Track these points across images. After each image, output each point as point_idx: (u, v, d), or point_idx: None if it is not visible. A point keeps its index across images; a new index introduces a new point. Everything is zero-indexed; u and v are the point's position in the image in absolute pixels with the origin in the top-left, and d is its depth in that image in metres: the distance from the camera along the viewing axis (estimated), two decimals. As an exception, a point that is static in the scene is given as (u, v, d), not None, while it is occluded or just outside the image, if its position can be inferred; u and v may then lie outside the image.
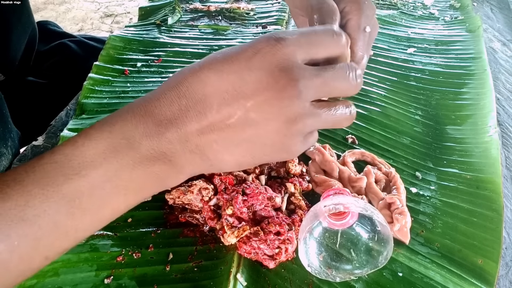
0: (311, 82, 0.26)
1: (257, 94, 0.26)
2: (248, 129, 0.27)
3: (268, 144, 0.28)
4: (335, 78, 0.27)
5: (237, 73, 0.26)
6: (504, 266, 0.47)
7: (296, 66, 0.26)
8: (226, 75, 0.26)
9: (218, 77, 0.26)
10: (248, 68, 0.26)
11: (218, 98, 0.26)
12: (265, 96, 0.26)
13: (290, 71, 0.26)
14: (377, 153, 0.56)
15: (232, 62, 0.27)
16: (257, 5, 0.90)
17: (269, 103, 0.26)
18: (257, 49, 0.26)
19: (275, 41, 0.26)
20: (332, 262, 0.41)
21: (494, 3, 1.02)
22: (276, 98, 0.26)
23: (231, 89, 0.26)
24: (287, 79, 0.26)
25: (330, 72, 0.27)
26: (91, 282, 0.41)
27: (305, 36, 0.27)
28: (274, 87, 0.26)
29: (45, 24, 0.89)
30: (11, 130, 0.66)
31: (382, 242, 0.40)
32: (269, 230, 0.42)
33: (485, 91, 0.66)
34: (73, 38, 0.86)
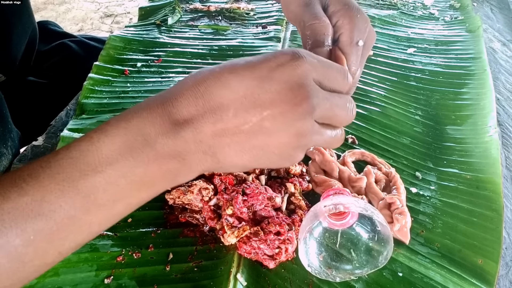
0: (322, 103, 0.28)
1: (274, 104, 0.27)
2: (260, 137, 0.28)
3: (275, 153, 0.29)
4: (339, 106, 0.30)
5: (257, 80, 0.27)
6: (504, 266, 0.47)
7: (313, 85, 0.28)
8: (247, 81, 0.27)
9: (238, 82, 0.27)
10: (269, 78, 0.27)
11: (236, 102, 0.27)
12: (282, 108, 0.27)
13: (308, 88, 0.27)
14: (377, 153, 0.56)
15: (254, 69, 0.27)
16: (257, 5, 0.90)
17: (284, 115, 0.27)
18: (280, 61, 0.27)
19: (299, 57, 0.28)
20: (332, 262, 0.41)
21: (494, 3, 1.02)
22: (292, 111, 0.27)
23: (249, 95, 0.27)
24: (304, 95, 0.27)
25: (337, 99, 0.30)
26: (91, 282, 0.41)
27: (322, 64, 0.29)
28: (292, 101, 0.27)
29: (46, 24, 0.89)
30: (11, 130, 0.66)
31: (382, 242, 0.40)
32: (269, 230, 0.42)
33: (485, 91, 0.66)
34: (73, 38, 0.86)
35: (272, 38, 0.78)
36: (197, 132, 0.27)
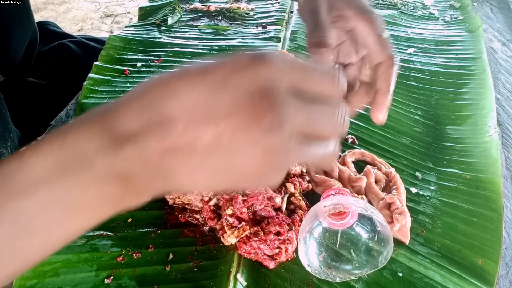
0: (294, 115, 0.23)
1: (232, 116, 0.22)
2: (219, 156, 0.22)
3: (243, 173, 0.24)
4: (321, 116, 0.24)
5: (210, 88, 0.22)
6: (504, 266, 0.47)
7: (281, 93, 0.22)
8: (198, 89, 0.22)
9: (187, 91, 0.22)
10: (225, 84, 0.22)
11: (186, 115, 0.22)
12: (241, 121, 0.22)
13: (272, 98, 0.22)
14: (377, 153, 0.56)
15: (207, 75, 0.23)
16: (257, 5, 0.90)
17: (244, 129, 0.22)
18: (238, 65, 0.23)
19: (261, 60, 0.23)
20: (332, 262, 0.41)
21: (494, 3, 1.02)
22: (254, 125, 0.22)
23: (201, 106, 0.22)
24: (267, 106, 0.22)
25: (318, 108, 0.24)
26: (91, 282, 0.41)
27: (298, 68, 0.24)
28: (252, 112, 0.22)
29: (45, 25, 0.89)
30: (10, 130, 0.66)
31: (382, 242, 0.40)
32: (269, 230, 0.42)
33: (485, 91, 0.66)
34: (73, 39, 0.86)
35: (272, 38, 0.78)
36: (141, 149, 0.22)
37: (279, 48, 0.76)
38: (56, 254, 0.43)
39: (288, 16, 0.87)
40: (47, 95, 0.78)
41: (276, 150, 0.23)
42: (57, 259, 0.42)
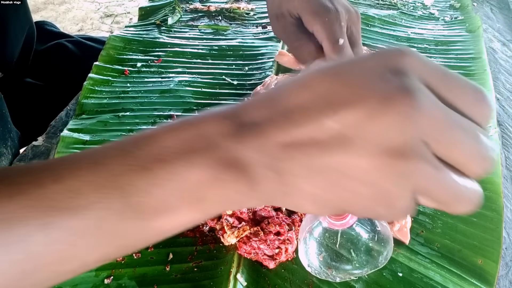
0: (434, 113, 0.18)
1: (357, 101, 0.19)
2: (338, 151, 0.19)
3: (363, 183, 0.19)
4: (466, 131, 0.19)
5: (341, 74, 0.20)
6: (504, 266, 0.47)
7: (419, 83, 0.19)
8: (330, 77, 0.21)
9: (320, 79, 0.21)
10: (357, 69, 0.20)
11: (312, 103, 0.20)
12: (368, 107, 0.18)
13: (409, 81, 0.18)
14: (377, 153, 0.56)
15: (341, 65, 0.21)
16: (257, 5, 0.90)
17: (371, 118, 0.18)
18: (376, 53, 0.21)
19: (405, 49, 0.20)
20: (332, 262, 0.41)
21: (494, 3, 1.02)
22: (382, 112, 0.18)
23: (329, 93, 0.20)
24: (403, 88, 0.18)
25: (471, 127, 0.19)
26: (91, 282, 0.41)
27: (444, 70, 0.20)
28: (381, 96, 0.18)
29: (42, 25, 0.88)
30: (11, 130, 0.66)
31: (382, 242, 0.40)
32: (269, 230, 0.43)
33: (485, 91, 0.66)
34: (70, 38, 0.86)
35: (272, 38, 0.78)
36: (262, 137, 0.21)
37: (279, 48, 0.76)
38: (56, 254, 0.43)
39: (288, 16, 0.87)
40: (47, 95, 0.78)
41: (409, 151, 0.18)
42: (57, 259, 0.42)
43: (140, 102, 0.64)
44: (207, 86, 0.67)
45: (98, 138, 0.58)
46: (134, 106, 0.63)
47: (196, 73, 0.70)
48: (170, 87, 0.66)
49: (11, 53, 0.73)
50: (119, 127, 0.60)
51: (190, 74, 0.70)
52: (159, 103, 0.64)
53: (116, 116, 0.61)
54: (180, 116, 0.62)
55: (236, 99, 0.65)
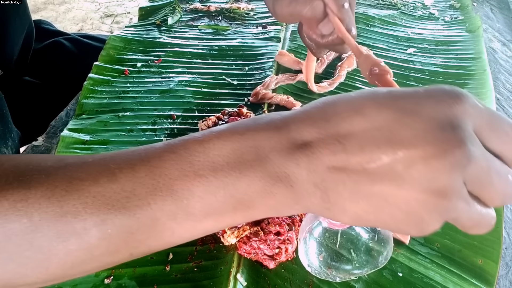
0: (479, 160, 0.21)
1: (415, 145, 0.21)
2: (386, 183, 0.21)
3: (402, 209, 0.22)
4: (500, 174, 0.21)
5: (400, 113, 0.21)
6: (504, 266, 0.47)
7: (472, 134, 0.21)
8: (386, 110, 0.22)
9: (375, 110, 0.22)
10: (416, 112, 0.21)
11: (367, 133, 0.21)
12: (425, 152, 0.20)
13: (465, 133, 0.20)
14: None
15: (398, 99, 0.22)
16: (257, 5, 0.90)
17: (426, 162, 0.20)
18: (431, 94, 0.22)
19: (459, 94, 0.22)
20: (332, 262, 0.41)
21: (494, 3, 1.02)
22: (438, 158, 0.20)
23: (386, 128, 0.21)
24: (459, 141, 0.20)
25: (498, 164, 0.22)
26: (91, 282, 0.41)
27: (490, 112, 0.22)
28: (441, 145, 0.20)
29: (39, 23, 0.88)
30: (11, 130, 0.66)
31: (382, 242, 0.40)
32: (269, 230, 0.43)
33: (485, 91, 0.66)
34: (67, 36, 0.86)
35: (272, 38, 0.78)
36: (313, 158, 0.22)
37: (279, 48, 0.76)
38: (56, 254, 0.43)
39: (288, 16, 0.87)
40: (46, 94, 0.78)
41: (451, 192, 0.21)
42: (57, 259, 0.42)
43: (140, 102, 0.64)
44: (207, 86, 0.67)
45: (98, 138, 0.58)
46: (134, 106, 0.63)
47: (196, 73, 0.70)
48: (170, 87, 0.66)
49: (11, 51, 0.73)
50: (119, 127, 0.60)
51: (190, 74, 0.70)
52: (159, 103, 0.64)
53: (116, 116, 0.61)
54: (180, 116, 0.62)
55: (236, 99, 0.65)
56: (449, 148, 0.20)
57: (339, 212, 0.23)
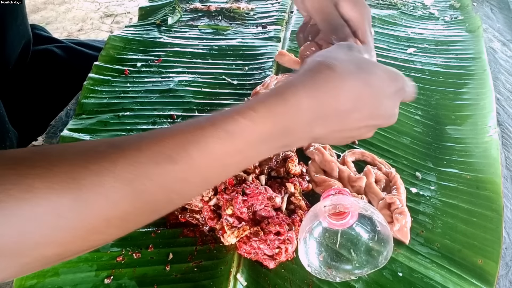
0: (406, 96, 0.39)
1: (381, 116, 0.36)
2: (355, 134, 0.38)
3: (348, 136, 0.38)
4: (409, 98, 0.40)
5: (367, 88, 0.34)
6: (504, 266, 0.47)
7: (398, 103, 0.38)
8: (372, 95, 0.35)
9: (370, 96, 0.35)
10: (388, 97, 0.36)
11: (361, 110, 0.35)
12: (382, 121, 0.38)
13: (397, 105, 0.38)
14: (377, 153, 0.56)
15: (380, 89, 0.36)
16: (257, 5, 0.90)
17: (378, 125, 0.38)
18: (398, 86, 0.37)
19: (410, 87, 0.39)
20: (332, 262, 0.41)
21: (494, 3, 1.02)
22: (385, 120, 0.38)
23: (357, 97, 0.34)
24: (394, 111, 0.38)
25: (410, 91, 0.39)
26: (91, 282, 0.41)
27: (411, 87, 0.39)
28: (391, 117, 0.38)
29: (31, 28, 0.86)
30: (8, 130, 0.66)
31: (382, 242, 0.40)
32: (269, 230, 0.42)
33: (485, 91, 0.66)
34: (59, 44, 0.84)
35: (272, 38, 0.78)
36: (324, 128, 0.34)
37: (279, 48, 0.76)
38: (56, 254, 0.43)
39: (288, 16, 0.87)
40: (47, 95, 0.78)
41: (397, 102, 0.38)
42: (57, 259, 0.42)
43: (140, 102, 0.64)
44: (207, 86, 0.67)
45: (98, 138, 0.57)
46: (134, 106, 0.63)
47: (196, 73, 0.70)
48: (170, 87, 0.66)
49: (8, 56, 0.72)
50: (119, 127, 0.59)
51: (190, 74, 0.70)
52: (159, 103, 0.64)
53: (116, 116, 0.61)
54: (180, 116, 0.62)
55: (236, 99, 0.65)
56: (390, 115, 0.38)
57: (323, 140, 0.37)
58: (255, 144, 0.31)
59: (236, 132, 0.30)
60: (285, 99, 0.32)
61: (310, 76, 0.34)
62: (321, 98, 0.33)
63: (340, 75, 0.34)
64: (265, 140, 0.32)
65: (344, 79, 0.34)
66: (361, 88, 0.34)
